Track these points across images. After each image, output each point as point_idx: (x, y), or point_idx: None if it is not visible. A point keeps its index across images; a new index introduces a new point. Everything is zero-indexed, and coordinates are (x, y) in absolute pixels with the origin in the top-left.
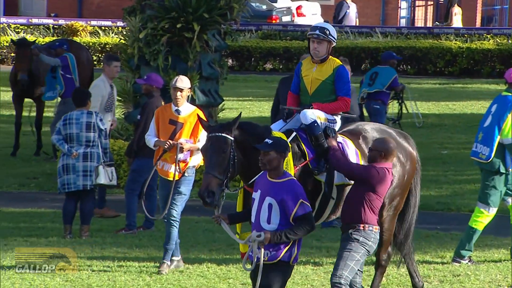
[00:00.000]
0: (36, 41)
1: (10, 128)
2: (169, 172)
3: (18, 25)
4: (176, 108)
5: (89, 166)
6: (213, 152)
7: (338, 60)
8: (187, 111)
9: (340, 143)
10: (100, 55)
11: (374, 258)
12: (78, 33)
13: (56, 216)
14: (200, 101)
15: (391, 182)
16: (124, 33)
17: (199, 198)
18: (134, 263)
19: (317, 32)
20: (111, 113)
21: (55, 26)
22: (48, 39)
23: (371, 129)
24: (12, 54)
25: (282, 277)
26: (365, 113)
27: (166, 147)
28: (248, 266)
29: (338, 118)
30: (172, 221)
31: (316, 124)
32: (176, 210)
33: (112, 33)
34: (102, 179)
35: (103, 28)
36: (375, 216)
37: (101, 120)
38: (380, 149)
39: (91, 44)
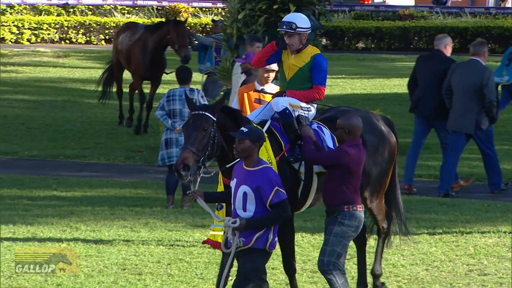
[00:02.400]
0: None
1: (115, 103)
2: None
3: (124, 7)
4: (262, 87)
5: None
6: (193, 129)
7: (316, 49)
8: (272, 90)
9: (315, 130)
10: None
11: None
12: (180, 14)
13: (159, 187)
14: None
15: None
16: (224, 14)
17: (174, 170)
18: None
19: (284, 27)
20: None
21: (158, 8)
22: (152, 19)
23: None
24: None
25: (257, 263)
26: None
27: None
28: (225, 248)
29: (313, 107)
30: None
31: (287, 111)
32: None
33: (212, 14)
34: None
35: (204, 9)
36: (357, 195)
37: (202, 96)
38: (343, 126)
39: (192, 24)
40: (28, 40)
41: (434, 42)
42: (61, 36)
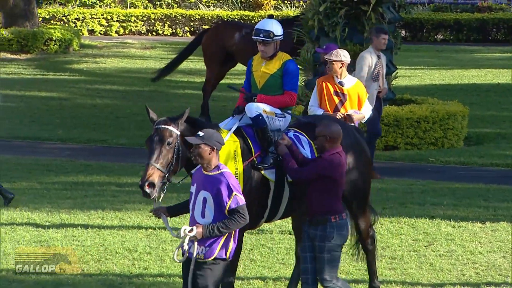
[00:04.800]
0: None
1: (198, 93)
2: None
3: (209, 0)
4: (340, 80)
5: None
6: (157, 144)
7: (287, 55)
8: (351, 83)
9: (292, 138)
10: None
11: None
12: (263, 6)
13: None
14: None
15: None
16: (305, 6)
17: (139, 189)
18: None
19: (261, 36)
20: (378, 82)
21: (242, 0)
22: (235, 12)
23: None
24: (205, 27)
25: (218, 274)
26: None
27: (338, 118)
28: (179, 258)
29: (287, 114)
30: None
31: (261, 117)
32: None
33: (293, 6)
34: None
35: (286, 2)
36: (340, 203)
37: None
38: (324, 133)
39: (274, 16)
40: (117, 32)
41: None
42: (148, 28)
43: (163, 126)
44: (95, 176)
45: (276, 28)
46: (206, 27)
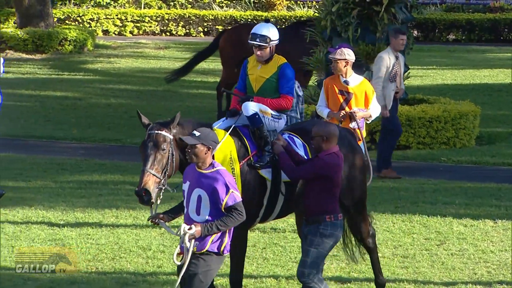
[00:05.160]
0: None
1: (211, 93)
2: None
3: (222, 0)
4: (345, 79)
5: None
6: (151, 150)
7: (283, 58)
8: (356, 82)
9: (286, 139)
10: None
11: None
12: (275, 7)
13: None
14: None
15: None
16: (318, 7)
17: (136, 195)
18: None
19: (258, 41)
20: (395, 83)
21: (255, 1)
22: (249, 12)
23: (320, 122)
24: (219, 27)
25: (210, 266)
26: None
27: (341, 115)
28: (179, 259)
29: (283, 116)
30: None
31: (257, 116)
32: None
33: (306, 7)
34: None
35: (298, 2)
36: (337, 203)
37: (298, 87)
38: (321, 133)
39: (287, 17)
40: (131, 32)
41: None
42: (162, 28)
43: (156, 131)
44: (109, 175)
45: (272, 33)
46: (220, 27)
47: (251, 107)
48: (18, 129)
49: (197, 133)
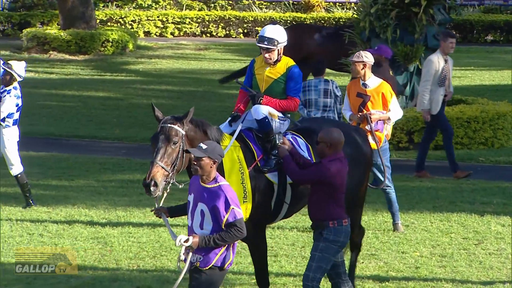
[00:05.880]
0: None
1: None
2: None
3: (262, 1)
4: (363, 82)
5: None
6: (162, 143)
7: (291, 60)
8: (374, 84)
9: (290, 140)
10: None
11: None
12: (314, 8)
13: None
14: None
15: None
16: (356, 8)
17: (143, 186)
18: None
19: (265, 44)
20: (443, 87)
21: (294, 2)
22: (288, 14)
23: (323, 125)
24: (258, 29)
25: (213, 280)
26: None
27: (357, 117)
28: (182, 265)
29: (288, 118)
30: (385, 188)
31: (267, 120)
32: (387, 178)
33: (344, 8)
34: None
35: (337, 4)
36: (341, 209)
37: (336, 87)
38: (325, 140)
39: (326, 18)
40: (172, 33)
41: None
42: (202, 29)
43: (169, 125)
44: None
45: (281, 36)
46: (259, 28)
47: (262, 110)
48: (61, 129)
49: (204, 146)
